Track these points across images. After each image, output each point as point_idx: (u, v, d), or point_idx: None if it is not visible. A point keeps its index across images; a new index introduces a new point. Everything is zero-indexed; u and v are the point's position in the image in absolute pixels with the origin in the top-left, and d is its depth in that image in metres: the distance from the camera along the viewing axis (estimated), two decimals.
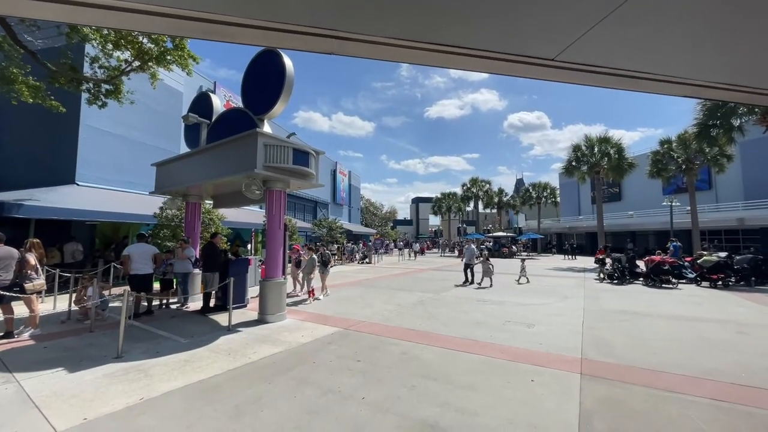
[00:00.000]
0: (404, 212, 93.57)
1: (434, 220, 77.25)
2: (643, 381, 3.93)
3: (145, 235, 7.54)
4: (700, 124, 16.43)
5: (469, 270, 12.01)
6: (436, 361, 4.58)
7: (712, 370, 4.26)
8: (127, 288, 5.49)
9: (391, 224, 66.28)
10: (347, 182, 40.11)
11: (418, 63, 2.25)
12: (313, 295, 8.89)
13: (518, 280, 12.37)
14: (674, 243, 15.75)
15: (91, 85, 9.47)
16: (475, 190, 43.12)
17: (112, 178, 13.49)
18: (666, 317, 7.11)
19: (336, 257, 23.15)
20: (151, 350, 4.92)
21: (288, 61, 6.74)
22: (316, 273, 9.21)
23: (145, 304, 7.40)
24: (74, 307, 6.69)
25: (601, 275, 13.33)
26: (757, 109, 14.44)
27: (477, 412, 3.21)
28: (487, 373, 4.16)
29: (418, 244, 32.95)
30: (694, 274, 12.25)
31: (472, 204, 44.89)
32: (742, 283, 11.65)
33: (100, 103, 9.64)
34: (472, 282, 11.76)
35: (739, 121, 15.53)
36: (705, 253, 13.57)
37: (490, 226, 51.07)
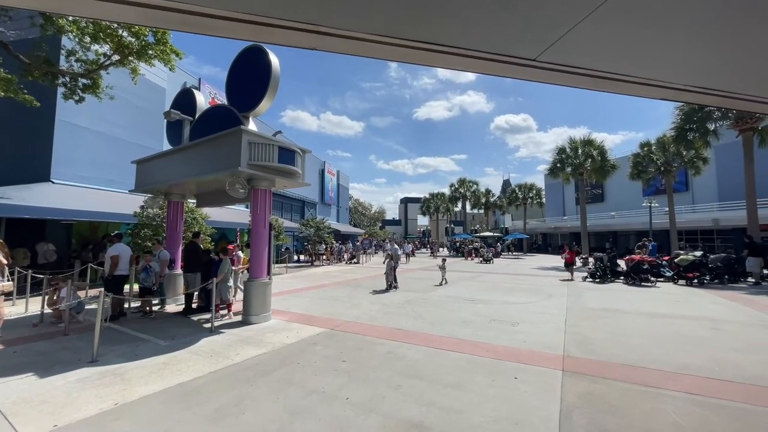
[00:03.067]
0: (393, 212, 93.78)
1: (423, 221, 77.66)
2: (621, 376, 4.02)
3: (122, 234, 7.31)
4: (678, 128, 17.04)
5: (393, 272, 10.89)
6: (422, 360, 4.58)
7: (687, 365, 4.40)
8: (102, 289, 5.27)
9: (380, 224, 66.27)
10: (335, 182, 39.87)
11: (401, 60, 2.24)
12: (230, 309, 7.09)
13: (441, 282, 11.92)
14: (652, 243, 16.27)
15: (67, 79, 9.10)
16: (462, 191, 43.54)
17: (90, 175, 13.03)
18: (645, 314, 7.31)
19: (324, 257, 23.00)
20: (129, 353, 4.75)
21: (274, 58, 6.65)
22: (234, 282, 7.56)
23: (127, 306, 7.21)
24: (48, 310, 6.42)
25: (572, 275, 13.79)
26: (731, 114, 15.08)
27: (462, 411, 3.22)
28: (473, 371, 4.19)
29: (410, 245, 28.88)
30: (672, 273, 12.67)
31: (459, 204, 45.30)
32: (716, 281, 12.12)
33: (77, 98, 9.27)
34: (395, 286, 10.76)
35: (714, 126, 16.18)
36: (682, 252, 14.05)
37: (478, 226, 51.67)
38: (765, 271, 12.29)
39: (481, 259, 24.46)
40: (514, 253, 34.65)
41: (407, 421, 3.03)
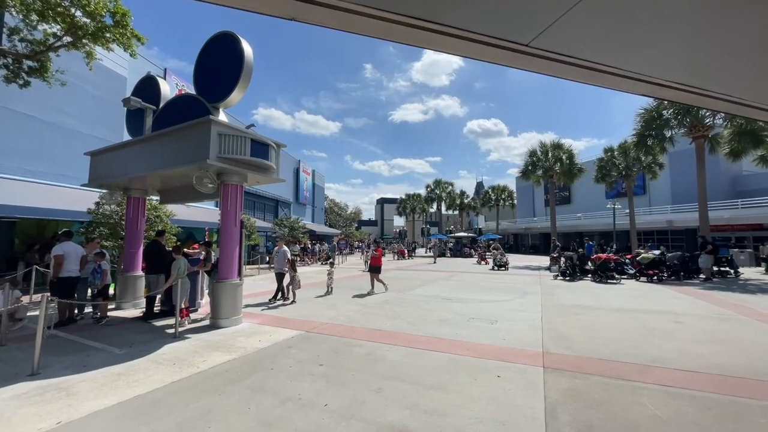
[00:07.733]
0: (369, 213, 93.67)
1: (399, 221, 78.00)
2: (599, 371, 4.08)
3: (72, 233, 6.62)
4: (639, 134, 18.08)
5: (282, 280, 8.66)
6: (402, 361, 4.44)
7: (657, 357, 4.56)
8: (47, 294, 4.70)
9: (356, 225, 65.81)
10: (311, 181, 39.07)
11: (389, 38, 2.07)
12: (186, 315, 6.31)
13: (327, 292, 9.75)
14: (588, 243, 17.14)
15: (9, 60, 8.16)
16: (438, 192, 44.22)
17: (38, 169, 11.83)
18: (613, 310, 7.61)
19: (299, 258, 22.39)
20: (77, 364, 4.25)
21: (247, 46, 6.28)
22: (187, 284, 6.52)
23: (77, 311, 6.54)
24: None
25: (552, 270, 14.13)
26: (685, 122, 16.22)
27: (446, 413, 3.10)
28: (454, 371, 4.10)
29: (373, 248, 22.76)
30: (634, 270, 13.40)
31: (435, 205, 45.96)
32: (673, 277, 12.96)
33: (21, 82, 8.31)
34: (284, 297, 8.64)
35: (670, 133, 17.33)
36: (642, 251, 14.92)
37: (453, 227, 52.58)
38: (715, 268, 13.31)
39: (492, 265, 18.36)
40: (500, 252, 35.41)
41: (390, 427, 2.87)
